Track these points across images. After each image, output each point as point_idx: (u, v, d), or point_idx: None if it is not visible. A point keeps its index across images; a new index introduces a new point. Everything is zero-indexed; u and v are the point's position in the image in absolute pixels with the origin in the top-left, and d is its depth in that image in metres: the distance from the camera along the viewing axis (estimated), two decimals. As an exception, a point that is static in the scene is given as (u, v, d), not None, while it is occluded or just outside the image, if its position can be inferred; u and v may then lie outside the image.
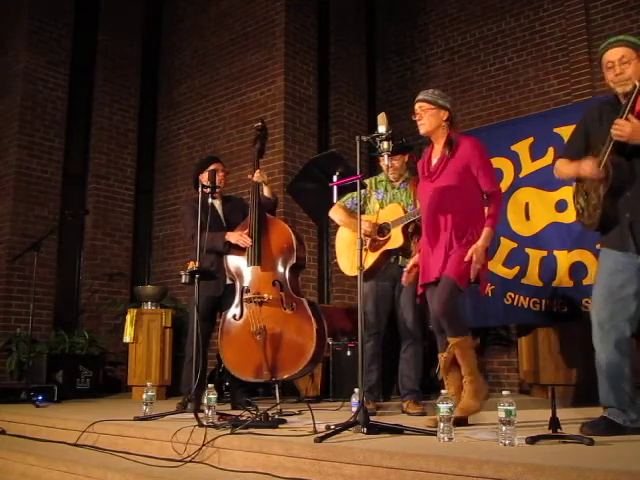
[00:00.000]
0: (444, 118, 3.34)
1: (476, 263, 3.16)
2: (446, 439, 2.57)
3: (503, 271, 4.95)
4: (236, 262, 4.29)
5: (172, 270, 7.34)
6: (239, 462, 2.70)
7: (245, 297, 4.14)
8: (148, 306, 5.82)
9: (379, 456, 2.29)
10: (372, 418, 2.94)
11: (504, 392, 2.50)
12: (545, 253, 4.81)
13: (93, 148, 7.49)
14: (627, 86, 2.76)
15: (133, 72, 7.94)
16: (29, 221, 6.81)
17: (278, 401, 3.91)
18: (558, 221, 4.75)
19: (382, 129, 3.14)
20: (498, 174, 4.25)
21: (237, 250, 4.29)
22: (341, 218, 4.15)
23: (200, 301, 3.84)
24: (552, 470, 1.93)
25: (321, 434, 2.63)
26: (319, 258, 6.84)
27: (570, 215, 4.50)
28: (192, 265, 4.01)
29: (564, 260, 4.69)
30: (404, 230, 3.92)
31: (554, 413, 2.55)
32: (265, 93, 6.87)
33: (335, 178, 3.17)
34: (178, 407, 4.10)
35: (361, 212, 3.29)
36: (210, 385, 3.39)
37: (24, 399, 5.03)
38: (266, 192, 4.45)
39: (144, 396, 3.72)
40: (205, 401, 3.28)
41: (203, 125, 7.52)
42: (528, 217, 4.94)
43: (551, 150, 4.76)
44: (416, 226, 3.90)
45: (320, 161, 3.35)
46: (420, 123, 3.36)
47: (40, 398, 4.94)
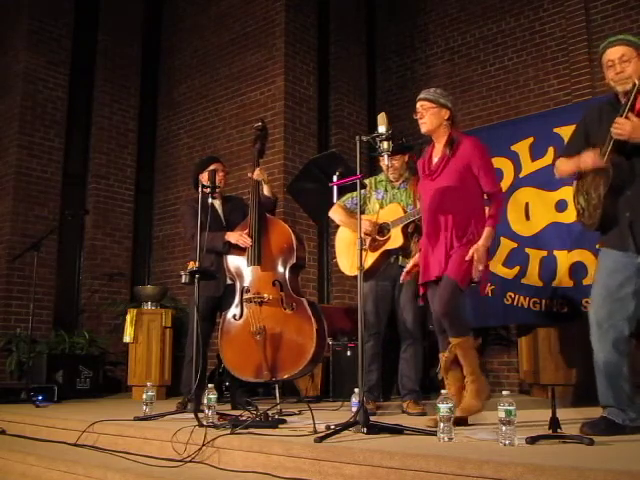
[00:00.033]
0: (445, 117, 3.34)
1: (478, 263, 3.16)
2: (446, 439, 2.57)
3: (503, 271, 4.95)
4: (236, 262, 4.29)
5: (172, 270, 7.34)
6: (239, 462, 2.70)
7: (245, 297, 4.14)
8: (148, 306, 5.82)
9: (379, 456, 2.29)
10: (372, 418, 2.94)
11: (504, 392, 2.50)
12: (545, 253, 4.81)
13: (93, 148, 7.49)
14: (627, 85, 2.76)
15: (133, 72, 7.94)
16: (29, 221, 6.81)
17: (278, 401, 3.90)
18: (558, 221, 4.75)
19: (382, 129, 3.14)
20: (498, 174, 4.25)
21: (237, 250, 4.29)
22: (341, 218, 4.15)
23: (200, 301, 3.84)
24: (552, 470, 1.93)
25: (321, 434, 2.63)
26: (319, 258, 6.84)
27: (570, 215, 4.50)
28: (192, 265, 4.01)
29: (564, 260, 4.69)
30: (404, 230, 3.92)
31: (554, 413, 2.55)
32: (265, 93, 6.87)
33: (335, 178, 3.17)
34: (178, 407, 4.10)
35: (361, 212, 3.29)
36: (210, 385, 3.39)
37: (24, 399, 5.03)
38: (266, 191, 4.45)
39: (144, 396, 3.72)
40: (205, 401, 3.28)
41: (203, 125, 7.52)
42: (528, 217, 4.94)
43: (551, 150, 4.76)
44: (416, 226, 3.90)
45: (320, 161, 3.35)
46: (421, 122, 3.36)
47: (40, 398, 4.94)
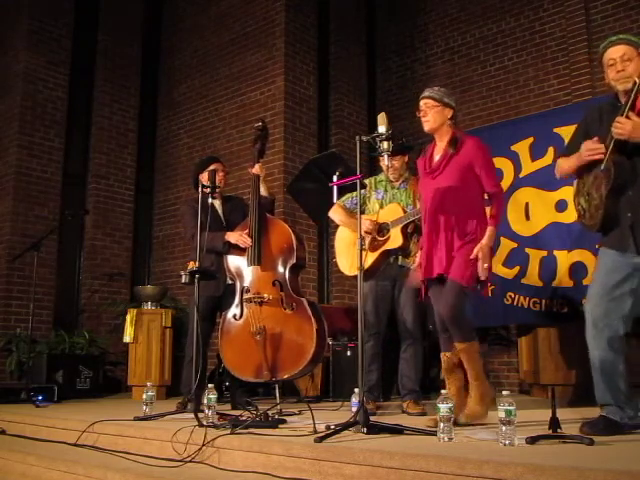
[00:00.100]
0: (449, 116, 3.33)
1: (483, 261, 3.15)
2: (446, 439, 2.57)
3: (503, 271, 4.95)
4: (236, 262, 4.29)
5: (172, 270, 7.34)
6: (239, 462, 2.70)
7: (245, 297, 4.14)
8: (148, 306, 5.82)
9: (379, 456, 2.29)
10: (372, 418, 2.94)
11: (504, 392, 2.50)
12: (545, 253, 4.81)
13: (93, 148, 7.49)
14: (628, 83, 2.76)
15: (133, 72, 7.94)
16: (29, 221, 6.81)
17: (278, 401, 3.90)
18: (558, 221, 4.75)
19: (382, 129, 3.14)
20: (498, 174, 4.24)
21: (237, 250, 4.29)
22: (341, 218, 4.15)
23: (200, 301, 3.84)
24: (552, 470, 1.93)
25: (321, 434, 2.63)
26: (319, 258, 6.84)
27: (570, 215, 4.50)
28: (192, 265, 4.01)
29: (564, 260, 4.70)
30: (403, 230, 3.92)
31: (554, 413, 2.55)
32: (265, 93, 6.87)
33: (335, 178, 3.17)
34: (178, 407, 4.10)
35: (361, 212, 3.29)
36: (210, 385, 3.39)
37: (24, 399, 5.03)
38: (263, 190, 4.44)
39: (144, 396, 3.72)
40: (205, 401, 3.28)
41: (203, 125, 7.52)
42: (528, 217, 4.95)
43: (551, 150, 4.77)
44: (415, 226, 3.90)
45: (320, 161, 3.35)
46: (424, 120, 3.35)
47: (40, 398, 4.94)
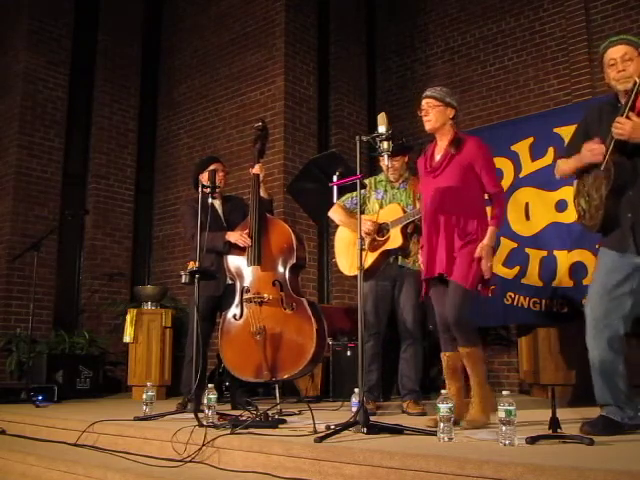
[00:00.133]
0: (450, 116, 3.33)
1: (486, 260, 3.15)
2: (446, 439, 2.57)
3: (503, 271, 4.95)
4: (236, 262, 4.28)
5: (172, 270, 7.34)
6: (239, 462, 2.70)
7: (245, 297, 4.14)
8: (148, 306, 5.82)
9: (379, 456, 2.29)
10: (372, 418, 2.94)
11: (504, 392, 2.50)
12: (545, 253, 4.81)
13: (93, 148, 7.49)
14: (628, 83, 2.76)
15: (133, 72, 7.94)
16: (29, 221, 6.81)
17: (278, 401, 3.90)
18: (558, 221, 4.75)
19: (382, 129, 3.14)
20: (498, 174, 4.25)
21: (237, 250, 4.29)
22: (341, 218, 4.15)
23: (200, 301, 3.84)
24: (552, 470, 1.93)
25: (321, 434, 2.63)
26: (319, 258, 6.84)
27: (570, 215, 4.50)
28: (192, 265, 4.01)
29: (564, 260, 4.69)
30: (403, 230, 3.92)
31: (554, 413, 2.55)
32: (265, 93, 6.87)
33: (335, 178, 3.17)
34: (178, 407, 4.10)
35: (361, 212, 3.29)
36: (210, 385, 3.39)
37: (24, 399, 5.03)
38: (261, 192, 4.43)
39: (144, 396, 3.72)
40: (205, 401, 3.28)
41: (203, 125, 7.52)
42: (528, 217, 4.94)
43: (551, 150, 4.76)
44: (415, 226, 3.90)
45: (320, 161, 3.35)
46: (426, 119, 3.34)
47: (40, 398, 4.94)
